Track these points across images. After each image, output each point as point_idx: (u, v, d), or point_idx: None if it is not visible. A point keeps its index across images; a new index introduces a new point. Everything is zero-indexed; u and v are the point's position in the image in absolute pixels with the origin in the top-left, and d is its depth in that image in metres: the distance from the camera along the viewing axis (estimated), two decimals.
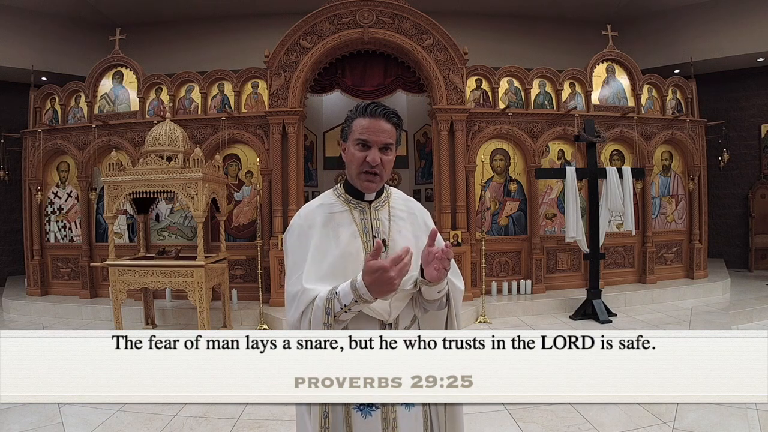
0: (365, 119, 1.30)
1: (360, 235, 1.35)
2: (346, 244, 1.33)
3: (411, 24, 6.12)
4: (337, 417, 1.32)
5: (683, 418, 2.95)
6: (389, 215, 1.40)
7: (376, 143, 1.29)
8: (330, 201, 1.41)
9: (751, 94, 8.68)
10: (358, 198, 1.39)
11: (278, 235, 6.04)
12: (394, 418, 1.30)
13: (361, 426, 1.29)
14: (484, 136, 6.47)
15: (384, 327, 1.30)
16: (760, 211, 8.58)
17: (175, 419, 3.14)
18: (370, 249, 1.31)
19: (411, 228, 1.41)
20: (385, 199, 1.43)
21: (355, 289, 1.18)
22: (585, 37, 8.52)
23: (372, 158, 1.28)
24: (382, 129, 1.30)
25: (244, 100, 6.51)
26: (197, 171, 4.74)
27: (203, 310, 4.74)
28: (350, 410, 1.30)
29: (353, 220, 1.36)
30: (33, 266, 6.73)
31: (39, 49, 7.75)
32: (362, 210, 1.38)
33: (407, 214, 1.43)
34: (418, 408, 1.33)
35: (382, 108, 1.31)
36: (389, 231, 1.37)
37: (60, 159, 6.82)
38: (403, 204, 1.45)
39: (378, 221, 1.38)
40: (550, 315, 5.92)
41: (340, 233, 1.34)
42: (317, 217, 1.37)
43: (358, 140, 1.31)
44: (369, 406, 1.29)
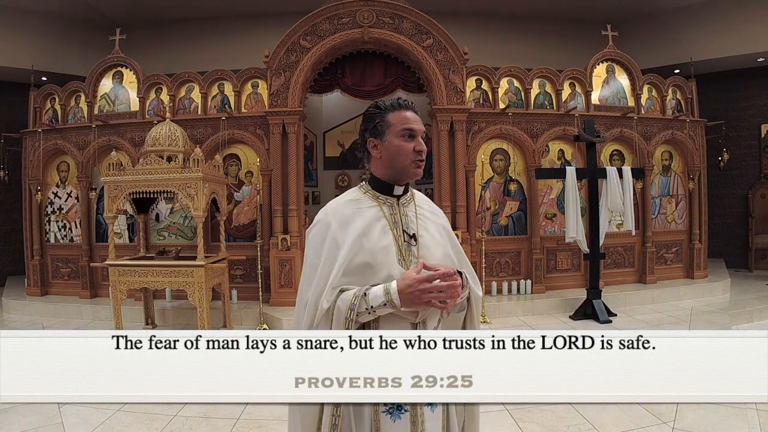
0: (405, 112, 1.37)
1: (391, 230, 1.36)
2: (378, 238, 1.33)
3: (411, 24, 6.12)
4: (361, 420, 1.29)
5: (683, 418, 2.95)
6: (416, 212, 1.42)
7: (419, 132, 1.37)
8: (358, 197, 1.41)
9: (751, 94, 8.68)
10: (386, 194, 1.41)
11: (278, 235, 6.04)
12: (422, 421, 1.28)
13: (389, 429, 1.27)
14: (484, 136, 6.47)
15: (415, 327, 1.29)
16: (760, 211, 8.58)
17: (175, 419, 3.14)
18: (402, 243, 1.34)
19: (435, 228, 1.43)
20: (411, 197, 1.46)
21: (387, 292, 1.21)
22: (585, 37, 8.52)
23: (421, 146, 1.36)
24: (418, 119, 1.39)
25: (244, 100, 6.51)
26: (197, 171, 4.74)
27: (203, 310, 4.74)
28: (379, 413, 1.28)
29: (383, 215, 1.38)
30: (33, 266, 6.73)
31: (39, 49, 7.74)
32: (391, 205, 1.40)
33: (431, 213, 1.47)
34: (440, 408, 1.33)
35: (411, 102, 1.42)
36: (417, 227, 1.39)
37: (60, 159, 6.83)
38: (426, 204, 1.49)
39: (406, 217, 1.39)
40: (550, 315, 5.92)
41: (370, 228, 1.34)
42: (346, 213, 1.36)
43: (404, 130, 1.36)
44: (398, 408, 1.27)
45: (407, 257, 1.33)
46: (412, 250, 1.34)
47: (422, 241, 1.36)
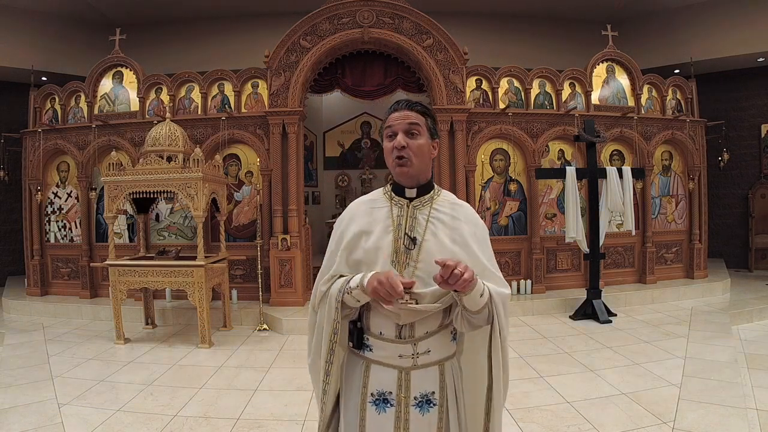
0: (393, 113, 1.39)
1: (393, 230, 1.37)
2: (378, 238, 1.36)
3: (411, 24, 6.12)
4: (348, 409, 1.38)
5: (683, 418, 2.95)
6: (428, 216, 1.38)
7: (401, 128, 1.35)
8: (376, 197, 1.48)
9: (751, 94, 8.67)
10: (401, 195, 1.42)
11: (278, 235, 6.04)
12: (407, 420, 1.32)
13: (374, 420, 1.34)
14: (484, 136, 6.47)
15: (400, 326, 1.32)
16: (760, 211, 8.58)
17: (175, 419, 3.13)
18: (401, 245, 1.35)
19: (449, 233, 1.36)
20: (429, 200, 1.41)
21: (363, 277, 1.28)
22: (585, 37, 8.52)
23: (397, 142, 1.34)
24: (405, 116, 1.36)
25: (244, 100, 6.51)
26: (197, 171, 4.74)
27: (203, 310, 4.74)
28: (366, 403, 1.35)
29: (390, 215, 1.40)
30: (33, 266, 6.73)
31: (39, 49, 7.74)
32: (401, 207, 1.41)
33: (451, 218, 1.38)
34: (434, 415, 1.34)
35: (405, 101, 1.40)
36: (424, 231, 1.36)
37: (60, 159, 6.83)
38: (449, 207, 1.41)
39: (414, 219, 1.38)
40: (550, 315, 5.92)
41: (374, 227, 1.38)
42: (359, 211, 1.45)
43: (387, 131, 1.39)
44: (384, 402, 1.34)
45: (405, 260, 1.33)
46: (411, 253, 1.33)
47: (426, 245, 1.33)
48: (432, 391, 1.34)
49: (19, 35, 7.60)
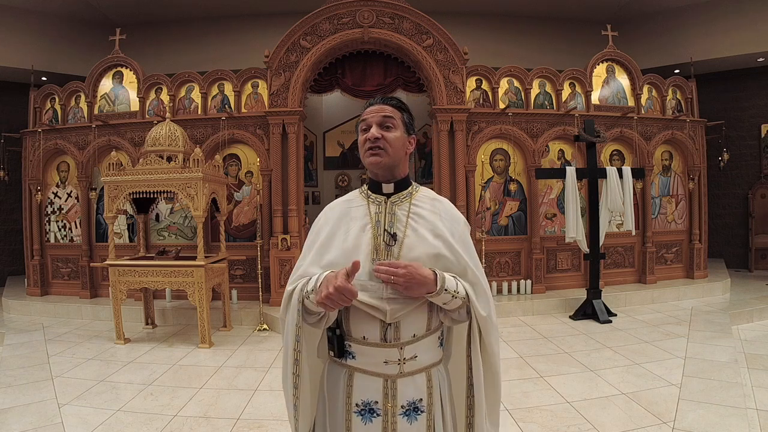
0: (367, 108, 1.38)
1: (371, 228, 1.33)
2: (354, 237, 1.32)
3: (411, 24, 6.12)
4: (334, 418, 1.32)
5: (683, 418, 2.95)
6: (408, 211, 1.35)
7: (374, 120, 1.34)
8: (352, 197, 1.45)
9: (751, 94, 8.68)
10: (376, 192, 1.39)
11: (278, 235, 6.04)
12: (395, 429, 1.28)
13: (360, 431, 1.29)
14: (484, 136, 6.47)
15: (385, 327, 1.26)
16: (760, 211, 8.58)
17: (175, 419, 3.13)
18: (380, 242, 1.31)
19: (431, 228, 1.32)
20: (408, 195, 1.38)
21: (319, 278, 1.23)
22: (585, 37, 8.52)
23: (370, 133, 1.32)
24: (380, 109, 1.35)
25: (244, 100, 6.51)
26: (197, 171, 4.74)
27: (203, 310, 4.74)
28: (351, 413, 1.29)
29: (368, 213, 1.36)
30: (33, 266, 6.73)
31: (39, 49, 7.74)
32: (379, 204, 1.37)
33: (431, 213, 1.36)
34: (422, 423, 1.30)
35: (380, 97, 1.40)
36: (405, 227, 1.32)
37: (60, 159, 6.83)
38: (429, 203, 1.38)
39: (393, 215, 1.34)
40: (550, 315, 5.92)
41: (351, 226, 1.35)
42: (335, 211, 1.41)
43: (361, 124, 1.37)
44: (371, 412, 1.28)
45: (385, 257, 1.29)
46: (392, 249, 1.29)
47: (406, 241, 1.30)
48: (420, 398, 1.29)
49: (19, 35, 7.60)
